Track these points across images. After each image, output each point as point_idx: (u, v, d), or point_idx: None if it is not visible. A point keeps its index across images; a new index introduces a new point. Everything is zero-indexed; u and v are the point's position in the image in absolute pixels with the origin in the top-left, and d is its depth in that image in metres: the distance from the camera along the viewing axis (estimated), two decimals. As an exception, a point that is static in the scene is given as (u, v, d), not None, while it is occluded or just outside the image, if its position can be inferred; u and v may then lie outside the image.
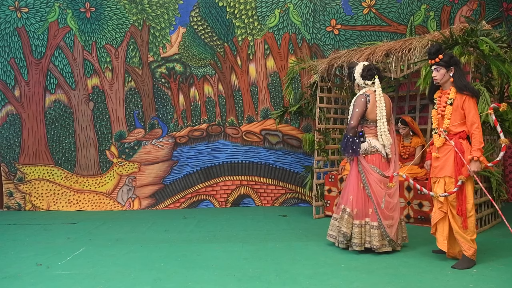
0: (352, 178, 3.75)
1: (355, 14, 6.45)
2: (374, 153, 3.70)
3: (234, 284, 3.00)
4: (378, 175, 3.67)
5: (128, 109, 6.49)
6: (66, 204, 6.36)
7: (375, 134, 3.73)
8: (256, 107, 6.53)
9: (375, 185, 3.65)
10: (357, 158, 3.71)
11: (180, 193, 6.47)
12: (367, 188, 3.67)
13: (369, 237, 3.64)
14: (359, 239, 3.64)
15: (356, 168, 3.74)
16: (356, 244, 3.65)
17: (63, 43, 6.38)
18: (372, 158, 3.70)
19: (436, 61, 3.29)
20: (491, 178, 4.49)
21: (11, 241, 4.40)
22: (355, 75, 3.78)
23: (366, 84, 3.75)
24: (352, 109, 3.72)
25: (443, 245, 3.35)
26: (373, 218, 3.64)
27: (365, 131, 3.75)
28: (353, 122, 3.66)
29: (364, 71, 3.75)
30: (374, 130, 3.73)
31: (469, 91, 3.21)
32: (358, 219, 3.67)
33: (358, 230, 3.66)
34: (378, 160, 3.71)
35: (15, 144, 6.41)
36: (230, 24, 6.46)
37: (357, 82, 3.80)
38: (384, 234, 3.63)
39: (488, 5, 6.38)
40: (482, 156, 3.15)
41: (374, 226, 3.62)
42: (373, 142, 3.71)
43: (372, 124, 3.74)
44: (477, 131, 3.16)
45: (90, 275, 3.25)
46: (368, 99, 3.69)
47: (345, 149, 3.70)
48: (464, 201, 3.22)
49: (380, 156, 3.71)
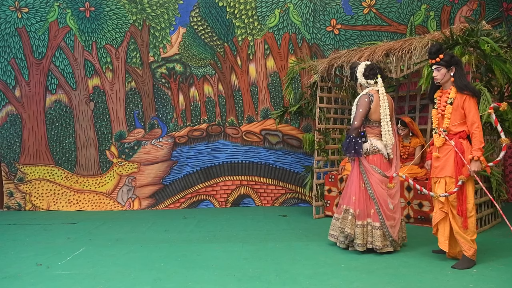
0: (354, 178, 3.74)
1: (355, 14, 6.45)
2: (376, 153, 3.69)
3: (234, 284, 3.00)
4: (380, 176, 3.67)
5: (128, 109, 6.49)
6: (66, 204, 6.37)
7: (377, 134, 3.73)
8: (256, 107, 6.53)
9: (377, 186, 3.65)
10: (359, 159, 3.70)
11: (180, 193, 6.47)
12: (369, 189, 3.67)
13: (371, 238, 3.64)
14: (362, 240, 3.64)
15: (357, 168, 3.72)
16: (358, 244, 3.64)
17: (64, 43, 6.39)
18: (373, 159, 3.69)
19: (437, 61, 3.28)
20: (491, 178, 4.49)
21: (11, 241, 4.40)
22: (358, 75, 3.77)
23: (369, 84, 3.74)
24: (356, 109, 3.70)
25: (445, 245, 3.34)
26: (375, 218, 3.64)
27: (367, 131, 3.73)
28: (356, 123, 3.65)
29: (366, 71, 3.74)
30: (376, 130, 3.73)
31: (469, 91, 3.20)
32: (360, 220, 3.67)
33: (361, 231, 3.65)
34: (380, 161, 3.70)
35: (16, 144, 6.41)
36: (230, 24, 6.46)
37: (360, 82, 3.78)
38: (387, 234, 3.62)
39: (488, 5, 6.38)
40: (482, 156, 3.15)
41: (377, 226, 3.62)
42: (375, 143, 3.70)
43: (375, 124, 3.73)
44: (477, 130, 3.15)
45: (90, 275, 3.25)
46: (372, 99, 3.67)
47: (347, 149, 3.68)
48: (465, 201, 3.21)
49: (382, 156, 3.71)
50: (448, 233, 3.34)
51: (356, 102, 3.73)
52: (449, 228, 3.34)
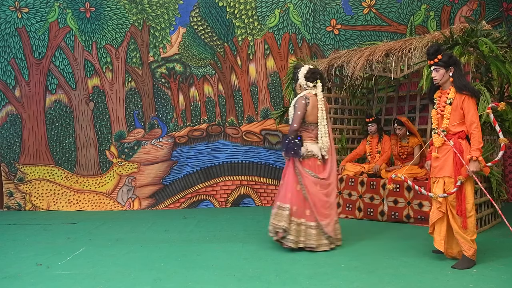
0: (291, 178, 3.81)
1: (355, 14, 6.45)
2: (310, 157, 3.82)
3: (234, 284, 3.00)
4: (314, 178, 3.78)
5: (128, 109, 6.49)
6: (66, 204, 6.37)
7: (313, 138, 3.85)
8: (256, 107, 6.53)
9: (311, 187, 3.75)
10: (294, 161, 3.80)
11: (180, 193, 6.47)
12: (303, 190, 3.76)
13: (303, 237, 3.70)
14: (295, 237, 3.69)
15: (293, 170, 3.81)
16: (290, 240, 3.69)
17: (64, 43, 6.39)
18: (308, 163, 3.81)
19: (435, 62, 3.28)
20: (491, 178, 4.49)
21: (11, 241, 4.40)
22: (299, 75, 3.91)
23: (308, 86, 3.87)
24: (294, 112, 3.80)
25: (440, 245, 3.35)
26: (311, 218, 3.73)
27: (303, 135, 3.85)
28: (296, 125, 3.76)
29: (308, 73, 3.88)
30: (311, 133, 3.85)
31: (468, 91, 3.20)
32: (296, 217, 3.73)
33: (295, 228, 3.71)
34: (314, 164, 3.83)
35: (16, 144, 6.42)
36: (230, 24, 6.46)
37: (300, 83, 3.93)
38: (321, 232, 3.73)
39: (488, 5, 6.38)
40: (481, 156, 3.14)
41: (312, 226, 3.72)
42: (310, 147, 3.82)
43: (310, 127, 3.86)
44: (476, 130, 3.15)
45: (90, 275, 3.25)
46: (308, 101, 3.80)
47: (286, 151, 3.78)
48: (464, 201, 3.21)
49: (316, 160, 3.84)
50: (445, 233, 3.35)
51: (293, 104, 3.85)
52: (446, 228, 3.34)
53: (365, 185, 5.19)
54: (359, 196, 5.23)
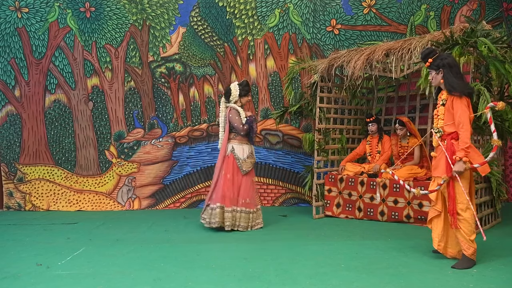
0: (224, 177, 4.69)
1: (355, 14, 6.45)
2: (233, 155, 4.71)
3: (234, 284, 3.00)
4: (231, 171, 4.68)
5: (128, 109, 6.49)
6: (66, 204, 6.36)
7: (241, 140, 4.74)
8: (256, 107, 6.53)
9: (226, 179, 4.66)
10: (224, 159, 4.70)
11: (180, 193, 6.47)
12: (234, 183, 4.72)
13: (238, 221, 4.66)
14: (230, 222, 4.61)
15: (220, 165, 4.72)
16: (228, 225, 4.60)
17: (64, 43, 6.38)
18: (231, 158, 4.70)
19: (427, 65, 3.36)
20: (491, 178, 4.49)
21: (11, 241, 4.40)
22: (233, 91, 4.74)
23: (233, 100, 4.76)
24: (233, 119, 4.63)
25: (438, 245, 3.41)
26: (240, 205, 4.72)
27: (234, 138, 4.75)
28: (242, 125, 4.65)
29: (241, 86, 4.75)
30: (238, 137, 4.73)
31: (456, 91, 3.21)
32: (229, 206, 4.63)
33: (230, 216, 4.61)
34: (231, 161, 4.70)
35: (15, 144, 6.41)
36: (230, 24, 6.46)
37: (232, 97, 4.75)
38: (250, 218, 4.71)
39: (488, 5, 6.38)
40: (465, 156, 3.14)
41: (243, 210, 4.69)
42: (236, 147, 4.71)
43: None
44: (463, 131, 3.16)
45: (90, 275, 3.25)
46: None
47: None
48: (454, 201, 3.23)
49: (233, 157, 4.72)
50: (441, 231, 3.39)
51: (229, 114, 4.68)
52: (442, 226, 3.39)
53: (365, 185, 5.19)
54: (359, 196, 5.23)
